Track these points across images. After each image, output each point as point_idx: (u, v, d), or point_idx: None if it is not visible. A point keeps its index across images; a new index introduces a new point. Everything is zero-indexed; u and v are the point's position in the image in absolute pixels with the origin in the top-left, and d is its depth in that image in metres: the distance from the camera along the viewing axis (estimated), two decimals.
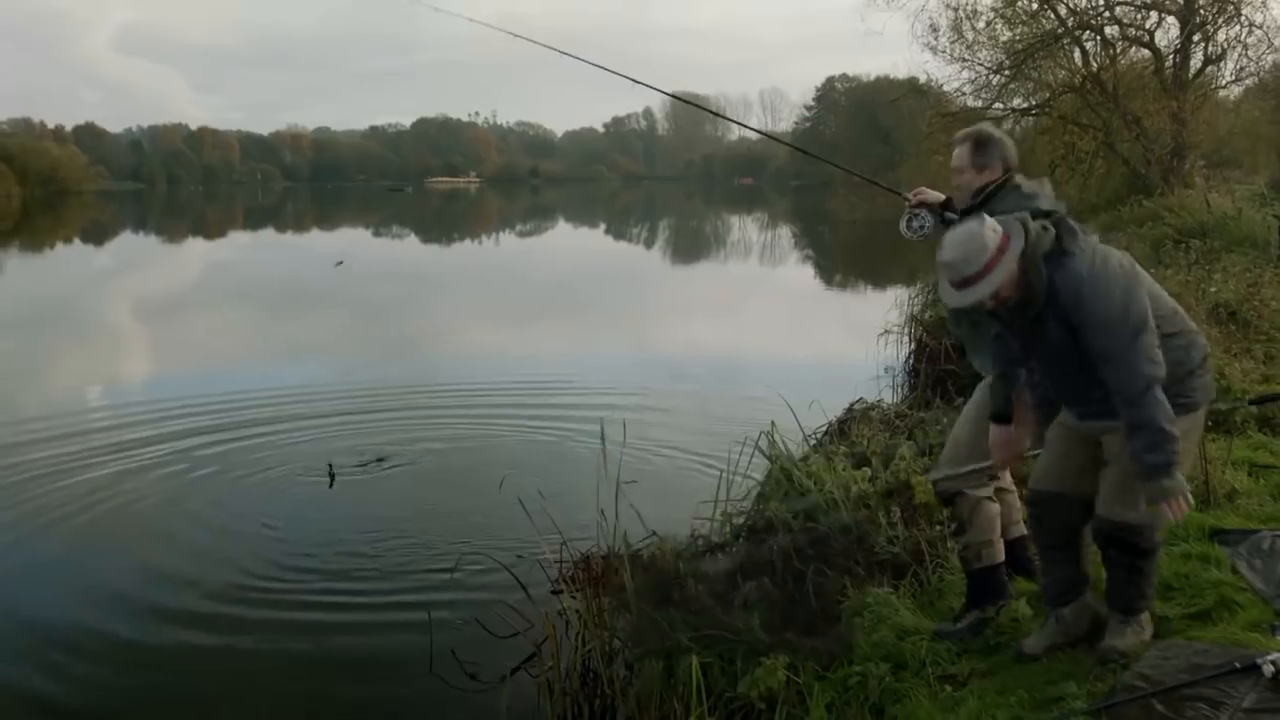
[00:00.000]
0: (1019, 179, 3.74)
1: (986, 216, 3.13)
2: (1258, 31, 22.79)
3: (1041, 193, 3.71)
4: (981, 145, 3.76)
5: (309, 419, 9.55)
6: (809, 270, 28.88)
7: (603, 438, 6.16)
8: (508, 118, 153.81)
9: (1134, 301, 3.09)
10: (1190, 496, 3.16)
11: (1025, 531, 4.18)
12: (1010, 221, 3.12)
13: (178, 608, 5.56)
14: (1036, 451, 3.58)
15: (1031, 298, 3.11)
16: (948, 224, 3.76)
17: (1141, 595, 3.43)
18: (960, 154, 3.79)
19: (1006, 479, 4.05)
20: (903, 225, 3.97)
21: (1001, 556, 3.78)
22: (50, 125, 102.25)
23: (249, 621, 5.41)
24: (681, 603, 4.15)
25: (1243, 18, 22.67)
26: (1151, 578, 3.45)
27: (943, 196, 3.89)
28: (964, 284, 3.12)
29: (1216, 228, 14.32)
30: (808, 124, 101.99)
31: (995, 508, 3.79)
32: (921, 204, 3.93)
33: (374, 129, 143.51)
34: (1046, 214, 3.55)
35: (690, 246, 38.94)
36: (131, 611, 5.56)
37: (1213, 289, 8.98)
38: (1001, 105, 25.43)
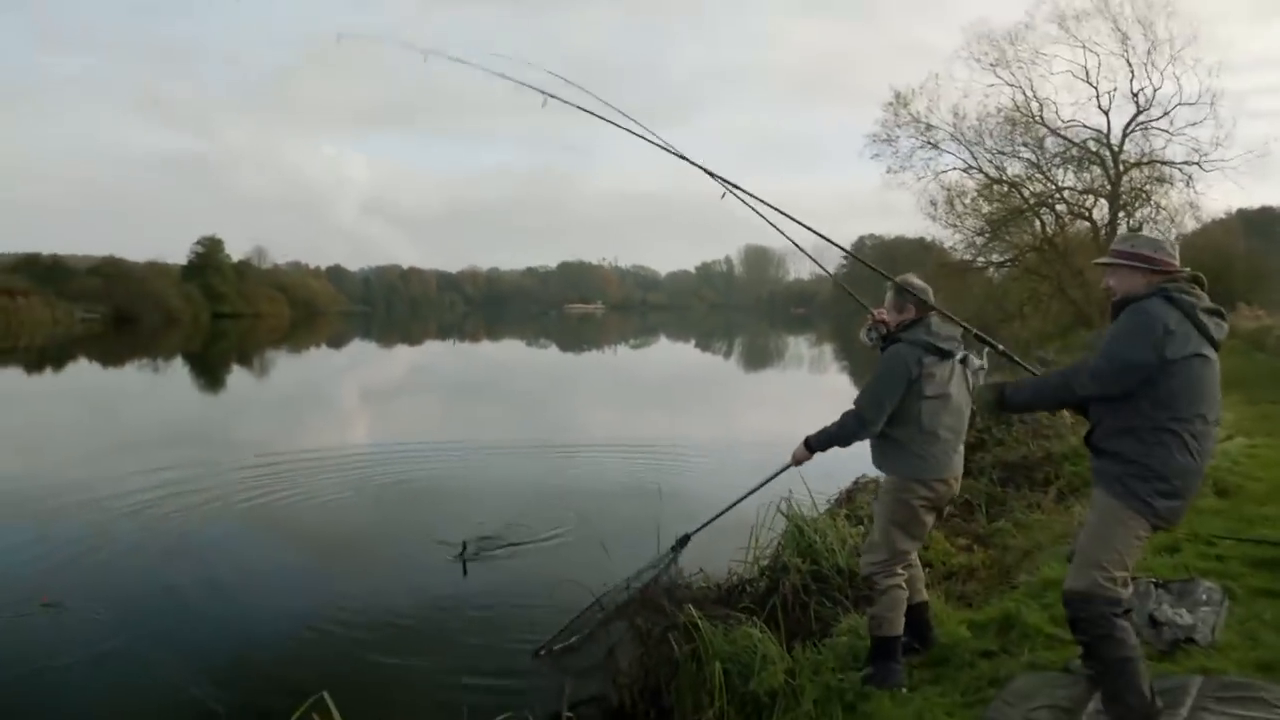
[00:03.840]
0: (934, 319, 3.67)
1: None
2: (1163, 212, 24.70)
3: (944, 333, 3.65)
4: (899, 293, 3.72)
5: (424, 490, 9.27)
6: (845, 377, 28.52)
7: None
8: (625, 261, 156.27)
9: None
10: None
11: (926, 598, 3.92)
12: None
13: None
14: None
15: None
16: (887, 342, 3.69)
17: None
18: (887, 298, 3.76)
19: (913, 556, 3.82)
20: (863, 332, 3.88)
21: (899, 630, 3.59)
22: (311, 266, 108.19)
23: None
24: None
25: (1152, 203, 24.80)
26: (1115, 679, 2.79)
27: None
28: None
29: None
30: (845, 268, 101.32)
31: (903, 594, 3.61)
32: (880, 321, 3.82)
33: (530, 269, 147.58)
34: (941, 350, 3.54)
35: (757, 358, 38.85)
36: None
37: None
38: (984, 259, 26.83)
